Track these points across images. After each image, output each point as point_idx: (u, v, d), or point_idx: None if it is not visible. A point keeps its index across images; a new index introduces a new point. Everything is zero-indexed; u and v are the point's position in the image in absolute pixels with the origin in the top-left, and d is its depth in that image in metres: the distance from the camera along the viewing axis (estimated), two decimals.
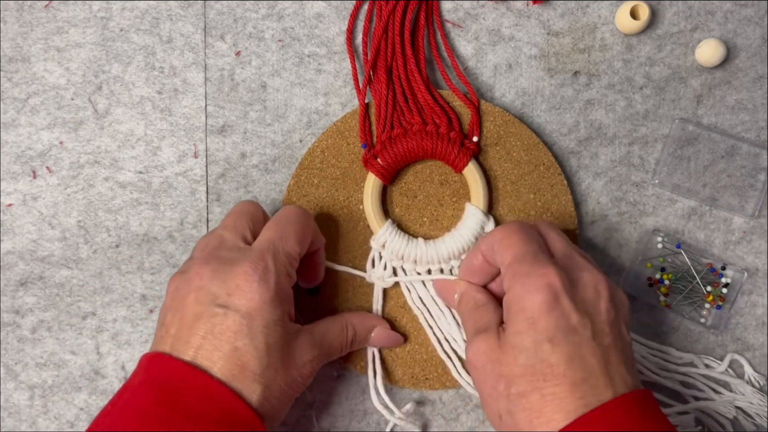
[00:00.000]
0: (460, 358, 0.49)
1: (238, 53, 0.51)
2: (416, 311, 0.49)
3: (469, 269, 0.45)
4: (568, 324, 0.38)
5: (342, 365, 0.50)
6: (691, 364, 0.50)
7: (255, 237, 0.43)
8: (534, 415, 0.37)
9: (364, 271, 0.49)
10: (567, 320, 0.38)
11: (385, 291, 0.49)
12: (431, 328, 0.49)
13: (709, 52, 0.50)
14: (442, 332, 0.49)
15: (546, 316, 0.38)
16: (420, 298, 0.49)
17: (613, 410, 0.37)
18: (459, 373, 0.48)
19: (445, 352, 0.49)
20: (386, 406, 0.48)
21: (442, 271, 0.49)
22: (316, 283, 0.49)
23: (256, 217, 0.45)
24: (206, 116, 0.51)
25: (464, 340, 0.49)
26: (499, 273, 0.43)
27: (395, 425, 0.50)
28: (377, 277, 0.49)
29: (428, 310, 0.49)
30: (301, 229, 0.43)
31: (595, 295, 0.40)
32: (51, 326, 0.50)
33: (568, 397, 0.37)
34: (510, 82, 0.51)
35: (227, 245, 0.43)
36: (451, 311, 0.49)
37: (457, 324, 0.49)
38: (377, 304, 0.49)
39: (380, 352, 0.49)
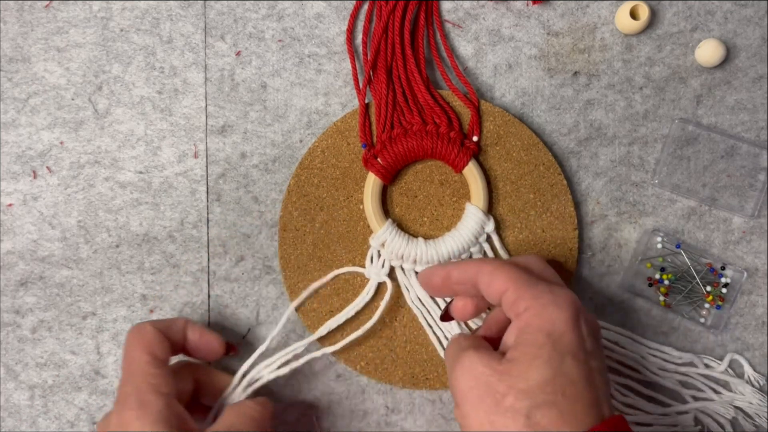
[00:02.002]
0: None
1: (238, 53, 0.51)
2: (415, 311, 0.49)
3: (428, 285, 0.45)
4: (585, 344, 0.38)
5: (342, 366, 0.50)
6: (691, 364, 0.50)
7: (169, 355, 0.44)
8: (557, 425, 0.36)
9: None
10: (584, 340, 0.38)
11: (384, 290, 0.49)
12: (431, 327, 0.49)
13: (708, 52, 0.50)
14: (442, 331, 0.49)
15: (570, 332, 0.37)
16: (419, 297, 0.49)
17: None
18: None
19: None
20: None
21: None
22: (219, 352, 0.46)
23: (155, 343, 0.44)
24: (206, 116, 0.51)
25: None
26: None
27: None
28: (375, 273, 0.49)
29: (427, 310, 0.49)
30: (139, 340, 0.42)
31: (594, 322, 0.40)
32: (51, 326, 0.50)
33: (581, 413, 0.36)
34: (510, 82, 0.51)
35: None
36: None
37: (458, 323, 0.49)
38: (365, 298, 0.49)
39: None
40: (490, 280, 0.40)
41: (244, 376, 0.47)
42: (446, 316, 0.45)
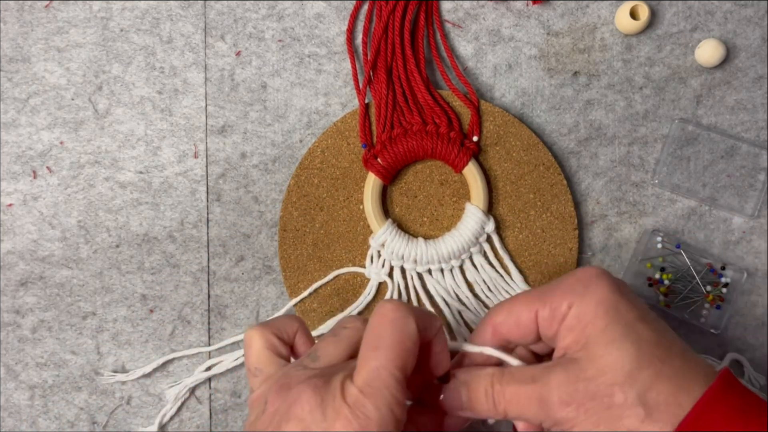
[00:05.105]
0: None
1: (238, 53, 0.51)
2: (440, 302, 0.49)
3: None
4: (638, 303, 0.36)
5: None
6: None
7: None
8: (675, 396, 0.33)
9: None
10: (635, 300, 0.36)
11: (384, 290, 0.49)
12: (454, 316, 0.49)
13: (708, 52, 0.50)
14: (463, 318, 0.49)
15: (621, 299, 0.35)
16: (440, 286, 0.49)
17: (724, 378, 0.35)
18: None
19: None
20: None
21: (442, 271, 0.49)
22: (440, 374, 0.39)
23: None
24: (206, 116, 0.51)
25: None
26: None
27: None
28: (375, 273, 0.49)
29: (451, 301, 0.49)
30: (400, 346, 0.34)
31: (621, 280, 0.38)
32: (51, 326, 0.50)
33: (688, 372, 0.34)
34: (510, 82, 0.51)
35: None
36: (472, 300, 0.49)
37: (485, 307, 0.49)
38: (367, 298, 0.49)
39: None
40: (514, 319, 0.38)
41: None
42: None
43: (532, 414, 0.35)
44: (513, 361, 0.38)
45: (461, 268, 0.50)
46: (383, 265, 0.49)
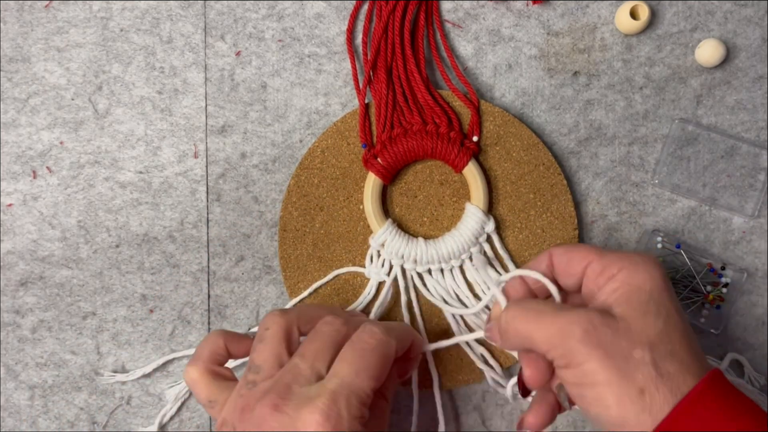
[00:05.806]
0: (488, 348, 0.49)
1: (238, 53, 0.51)
2: (439, 303, 0.49)
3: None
4: (677, 299, 0.39)
5: None
6: None
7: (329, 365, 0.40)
8: (683, 375, 0.36)
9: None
10: (675, 296, 0.39)
11: (380, 288, 0.50)
12: (454, 317, 0.49)
13: (708, 52, 0.50)
14: (464, 319, 0.49)
15: (667, 289, 0.38)
16: (417, 299, 0.49)
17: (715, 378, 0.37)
18: (490, 365, 0.49)
19: (468, 345, 0.49)
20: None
21: (442, 270, 0.49)
22: (402, 380, 0.46)
23: (339, 346, 0.41)
24: (206, 116, 0.51)
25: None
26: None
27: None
28: (375, 272, 0.49)
29: (451, 301, 0.49)
30: (380, 362, 0.39)
31: None
32: (51, 326, 0.50)
33: (694, 363, 0.37)
34: (510, 82, 0.51)
35: (300, 380, 0.38)
36: (472, 299, 0.49)
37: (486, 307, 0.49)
38: (366, 298, 0.49)
39: None
40: (568, 258, 0.41)
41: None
42: (525, 391, 0.42)
43: (546, 337, 0.38)
44: (555, 292, 0.41)
45: (461, 268, 0.50)
46: (383, 265, 0.49)
